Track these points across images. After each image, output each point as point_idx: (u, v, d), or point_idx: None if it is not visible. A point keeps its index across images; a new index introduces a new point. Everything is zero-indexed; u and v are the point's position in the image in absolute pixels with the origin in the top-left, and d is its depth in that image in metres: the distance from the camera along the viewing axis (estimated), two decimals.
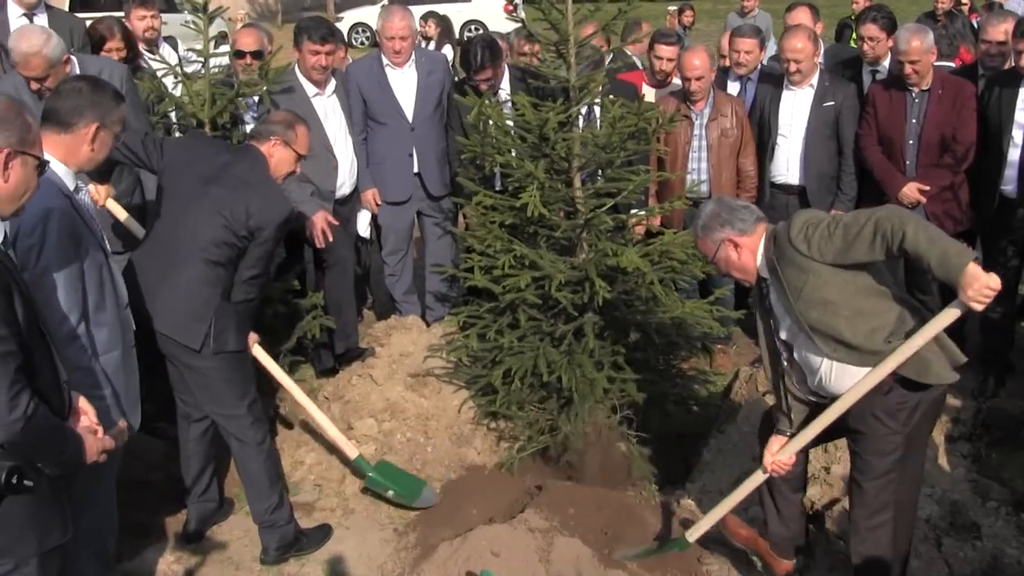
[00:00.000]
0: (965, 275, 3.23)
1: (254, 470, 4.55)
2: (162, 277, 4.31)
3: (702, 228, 3.79)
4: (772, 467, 4.00)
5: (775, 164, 6.39)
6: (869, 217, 3.43)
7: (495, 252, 5.15)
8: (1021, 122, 5.67)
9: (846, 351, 3.63)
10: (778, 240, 3.66)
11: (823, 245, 3.50)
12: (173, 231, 4.39)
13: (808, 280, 3.57)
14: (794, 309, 3.65)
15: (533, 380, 5.03)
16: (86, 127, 3.48)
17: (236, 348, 4.41)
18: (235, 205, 4.33)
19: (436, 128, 6.36)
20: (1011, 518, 4.94)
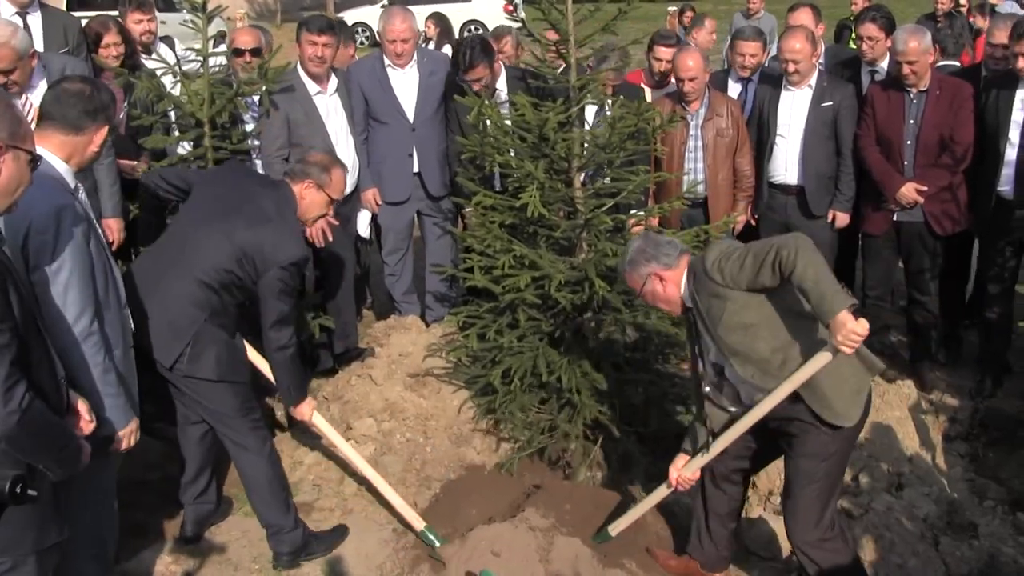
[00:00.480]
0: (835, 321, 3.40)
1: (254, 476, 4.51)
2: (153, 288, 4.24)
3: (629, 263, 3.95)
4: (676, 482, 4.20)
5: (773, 164, 6.40)
6: (772, 246, 3.58)
7: (495, 252, 5.15)
8: (1019, 123, 5.70)
9: (761, 375, 3.77)
10: (696, 273, 3.81)
11: (735, 274, 3.66)
12: (177, 246, 4.36)
13: (726, 307, 3.73)
14: (716, 335, 3.80)
15: (533, 380, 5.03)
16: (97, 129, 3.50)
17: (210, 376, 4.27)
18: (248, 236, 4.26)
19: (437, 128, 6.37)
20: (1008, 517, 4.97)
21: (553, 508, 4.73)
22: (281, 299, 4.32)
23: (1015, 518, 5.00)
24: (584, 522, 4.70)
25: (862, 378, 3.85)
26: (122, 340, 3.63)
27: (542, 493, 4.91)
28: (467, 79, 5.92)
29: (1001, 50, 6.15)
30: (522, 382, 4.98)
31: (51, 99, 3.53)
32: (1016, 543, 4.81)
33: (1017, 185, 5.74)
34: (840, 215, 6.33)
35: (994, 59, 6.24)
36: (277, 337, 4.35)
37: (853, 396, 3.80)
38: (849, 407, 3.79)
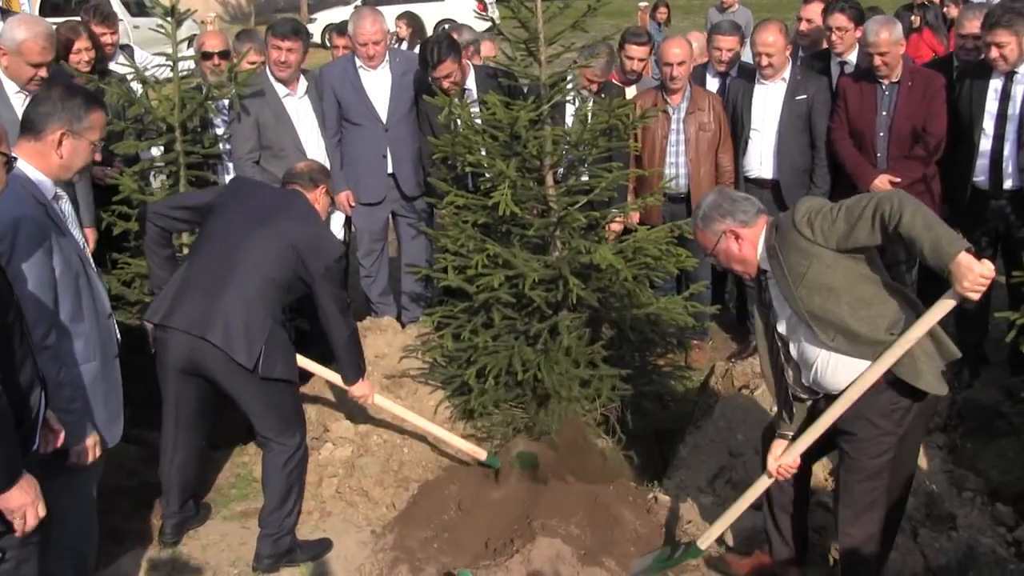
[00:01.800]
0: (957, 264, 3.21)
1: (280, 479, 4.52)
2: (219, 292, 4.25)
3: (702, 219, 3.75)
4: (777, 472, 3.95)
5: (748, 159, 6.41)
6: (870, 200, 3.42)
7: (468, 252, 5.14)
8: (992, 113, 5.69)
9: (845, 341, 3.60)
10: (780, 227, 3.64)
11: (827, 229, 3.49)
12: (233, 250, 4.35)
13: (812, 265, 3.54)
14: (795, 296, 3.61)
15: (508, 379, 5.02)
16: (52, 134, 3.44)
17: (283, 376, 4.36)
18: (299, 235, 4.39)
19: (410, 129, 6.35)
20: (986, 508, 4.96)
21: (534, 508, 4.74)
22: (339, 287, 4.53)
23: (993, 509, 5.00)
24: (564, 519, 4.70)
25: (941, 359, 3.68)
26: (101, 352, 3.59)
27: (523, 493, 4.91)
28: (436, 76, 5.89)
29: (972, 41, 6.16)
30: (498, 381, 4.98)
31: (28, 105, 3.53)
32: (994, 533, 4.81)
33: (992, 175, 5.74)
34: None
35: (965, 50, 6.25)
36: (350, 323, 4.61)
37: (938, 373, 3.63)
38: (938, 379, 3.62)
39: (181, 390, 4.45)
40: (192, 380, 4.41)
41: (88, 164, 3.65)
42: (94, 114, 3.54)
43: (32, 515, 2.95)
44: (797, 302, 3.62)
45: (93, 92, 3.92)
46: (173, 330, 4.27)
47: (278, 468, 4.50)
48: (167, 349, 4.33)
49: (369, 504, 5.03)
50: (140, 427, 5.08)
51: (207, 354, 4.24)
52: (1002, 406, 5.89)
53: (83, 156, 3.55)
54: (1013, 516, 4.93)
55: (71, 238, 3.51)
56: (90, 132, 3.53)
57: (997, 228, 5.87)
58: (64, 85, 3.74)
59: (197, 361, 4.29)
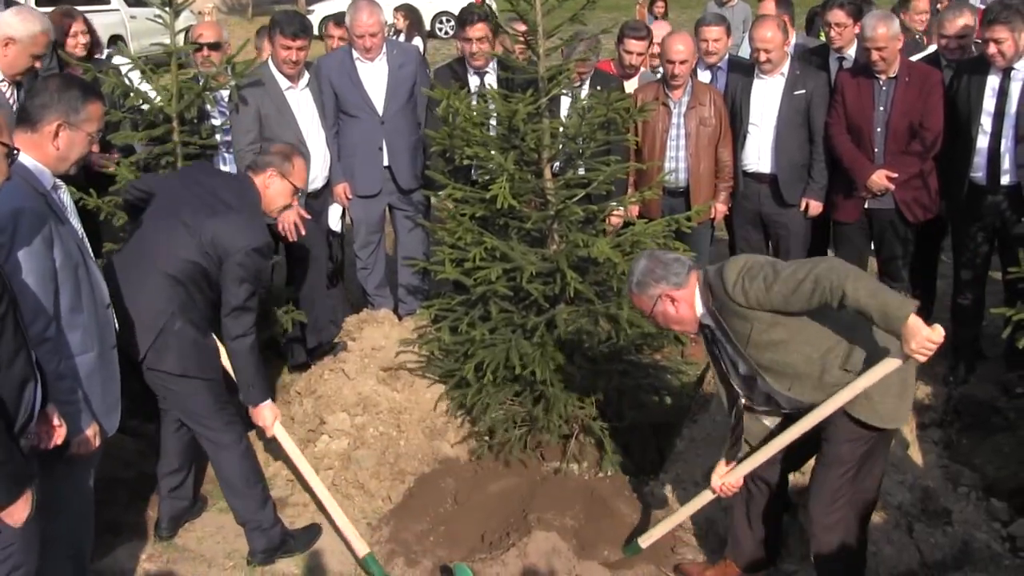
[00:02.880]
0: (907, 328, 3.32)
1: (230, 473, 4.49)
2: (123, 286, 4.22)
3: (637, 285, 3.77)
4: (720, 488, 4.07)
5: (746, 153, 6.40)
6: (808, 272, 3.44)
7: (466, 244, 5.14)
8: (990, 110, 5.69)
9: (801, 386, 3.68)
10: (714, 291, 3.66)
11: (761, 298, 3.53)
12: (139, 243, 4.35)
13: (754, 326, 3.60)
14: (745, 354, 3.70)
15: (506, 372, 5.01)
16: (48, 125, 3.43)
17: (174, 371, 4.26)
18: (206, 225, 4.23)
19: (407, 121, 6.33)
20: (981, 503, 4.98)
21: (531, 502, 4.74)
22: (241, 286, 4.27)
23: (988, 504, 5.01)
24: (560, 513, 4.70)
25: (908, 373, 3.70)
26: (99, 342, 3.58)
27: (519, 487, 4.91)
28: (468, 37, 5.94)
29: (955, 41, 6.19)
30: (495, 375, 4.97)
31: (26, 97, 3.52)
32: (989, 528, 4.83)
33: (990, 171, 5.74)
34: (813, 203, 6.34)
35: (949, 50, 6.26)
36: (233, 325, 4.30)
37: (900, 396, 3.68)
38: (897, 408, 3.68)
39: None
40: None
41: (85, 155, 3.64)
42: (91, 105, 3.53)
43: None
44: (748, 360, 3.70)
45: (90, 83, 3.90)
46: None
47: (222, 464, 4.49)
48: None
49: (365, 497, 5.03)
50: (137, 419, 5.08)
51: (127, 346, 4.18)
52: (998, 402, 5.91)
53: (80, 148, 3.54)
54: (1008, 511, 4.95)
55: (71, 228, 3.50)
56: (87, 124, 3.52)
57: (994, 224, 5.87)
58: (61, 76, 3.73)
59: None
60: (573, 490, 4.92)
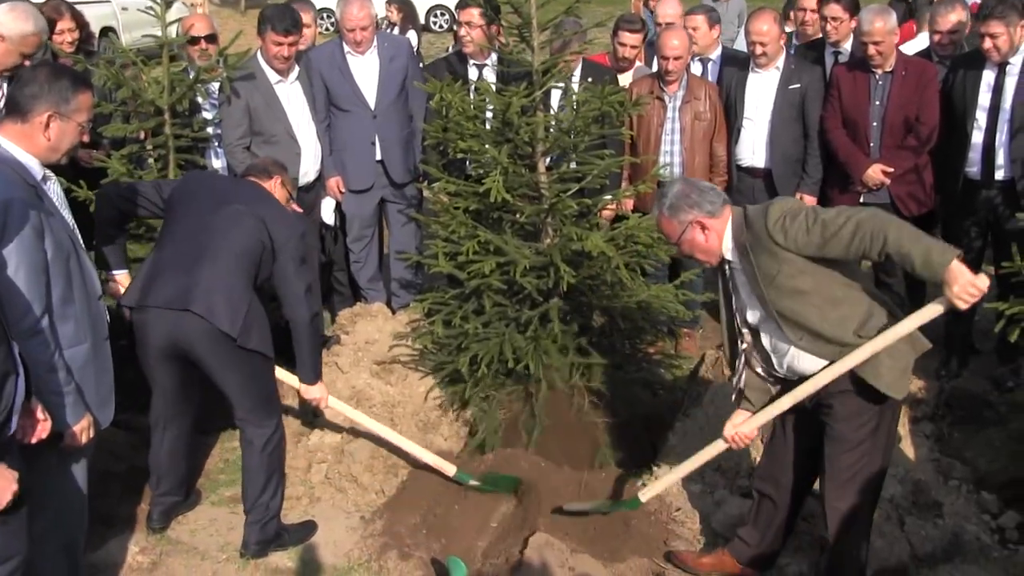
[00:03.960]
0: (950, 272, 3.28)
1: (260, 461, 4.50)
2: (196, 267, 4.23)
3: (669, 208, 3.72)
4: (733, 438, 4.00)
5: (740, 147, 6.40)
6: (850, 217, 3.42)
7: (459, 238, 5.13)
8: (985, 105, 5.70)
9: (812, 341, 3.65)
10: (752, 226, 3.62)
11: (800, 238, 3.49)
12: (202, 230, 4.33)
13: (782, 269, 3.56)
14: (765, 296, 3.64)
15: (499, 366, 5.01)
16: (39, 116, 3.40)
17: (260, 348, 4.33)
18: (260, 210, 4.38)
19: (399, 115, 6.32)
20: (972, 496, 4.99)
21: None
22: (303, 266, 4.46)
23: (979, 496, 5.03)
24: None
25: (910, 356, 3.71)
26: (92, 333, 3.57)
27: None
28: (460, 20, 6.07)
29: (948, 36, 6.20)
30: (489, 368, 4.96)
31: (13, 86, 3.50)
32: (979, 521, 4.84)
33: (984, 166, 5.75)
34: (807, 198, 6.32)
35: (941, 45, 6.26)
36: (311, 304, 4.49)
37: (903, 372, 3.68)
38: (900, 380, 3.66)
39: (163, 373, 4.43)
40: (174, 362, 4.38)
41: (76, 146, 3.62)
42: (82, 95, 3.51)
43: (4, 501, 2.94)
44: (767, 301, 3.65)
45: (80, 73, 3.87)
46: (152, 309, 4.23)
47: (257, 452, 4.48)
48: (147, 330, 4.30)
49: (358, 490, 5.02)
50: (129, 412, 5.07)
51: (188, 327, 4.20)
52: (989, 396, 5.93)
53: (71, 138, 3.52)
54: (998, 504, 4.97)
55: (61, 219, 3.48)
56: (78, 114, 3.49)
57: (987, 218, 5.88)
58: (50, 66, 3.70)
59: (177, 337, 4.25)
60: (566, 483, 4.92)
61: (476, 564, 4.36)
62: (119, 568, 4.45)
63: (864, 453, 3.78)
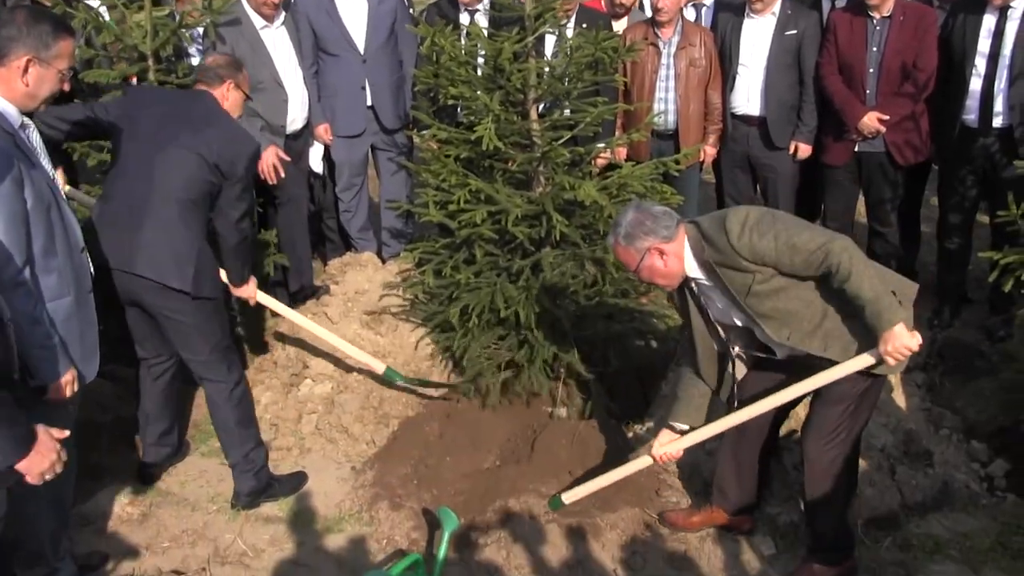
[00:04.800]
0: (890, 332, 3.38)
1: (227, 413, 4.49)
2: (139, 221, 4.17)
3: (625, 237, 3.64)
4: (660, 457, 4.09)
5: (735, 95, 6.31)
6: (820, 246, 3.44)
7: (450, 187, 5.07)
8: (984, 51, 5.62)
9: (799, 335, 3.65)
10: (714, 243, 3.58)
11: (768, 256, 3.50)
12: (142, 177, 4.25)
13: (755, 277, 3.57)
14: (744, 305, 3.64)
15: (490, 316, 4.98)
16: (17, 60, 3.30)
17: (212, 295, 4.33)
18: (205, 142, 4.25)
19: (389, 59, 6.21)
20: (962, 445, 5.02)
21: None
22: (246, 192, 4.42)
23: (969, 446, 5.04)
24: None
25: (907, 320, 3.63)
26: (75, 286, 3.49)
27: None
28: None
29: None
30: (480, 318, 4.93)
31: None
32: (969, 470, 4.86)
33: (982, 114, 5.69)
34: (802, 146, 6.27)
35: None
36: (243, 228, 4.45)
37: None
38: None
39: (132, 319, 4.45)
40: (136, 308, 4.39)
41: (55, 94, 3.52)
42: (63, 41, 3.40)
43: (60, 465, 2.95)
44: (747, 309, 3.66)
45: (62, 17, 3.76)
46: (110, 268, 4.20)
47: (221, 404, 4.49)
48: (111, 284, 4.27)
49: (349, 440, 5.01)
50: (115, 363, 5.04)
51: (139, 287, 4.20)
52: (981, 345, 5.93)
53: (50, 85, 3.41)
54: (987, 452, 5.00)
55: (41, 169, 3.39)
56: (58, 60, 3.39)
57: (984, 167, 5.82)
58: (29, 8, 3.56)
59: (133, 294, 4.26)
60: (558, 434, 4.91)
61: (467, 515, 4.35)
62: (108, 519, 4.45)
63: (852, 407, 3.79)
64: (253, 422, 4.63)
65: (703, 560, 4.22)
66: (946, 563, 4.10)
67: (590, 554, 4.19)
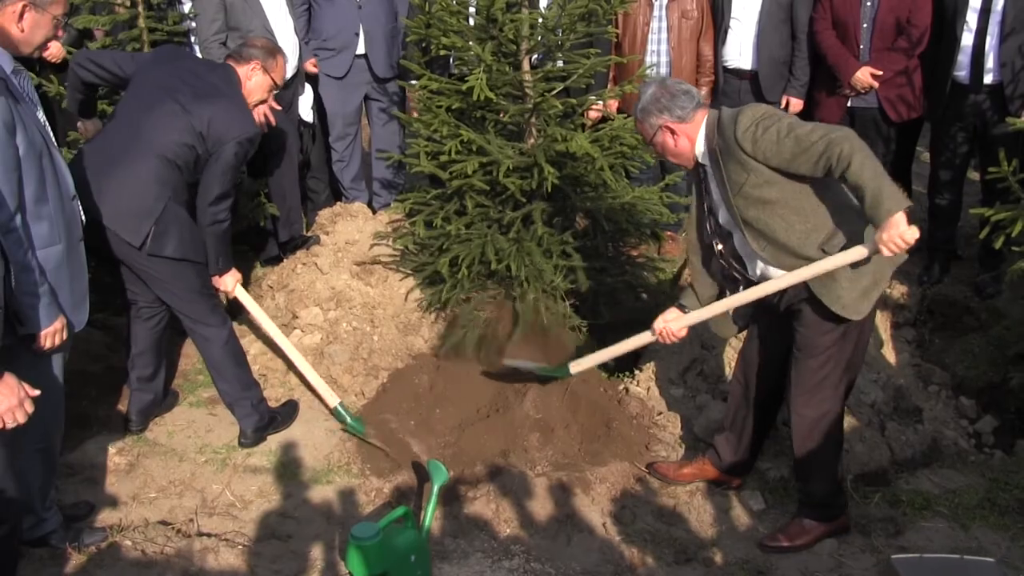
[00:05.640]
0: (891, 219, 3.28)
1: (219, 356, 4.52)
2: (111, 170, 4.14)
3: (641, 111, 3.73)
4: (660, 332, 4.07)
5: (727, 48, 6.29)
6: (823, 135, 3.39)
7: (442, 137, 5.03)
8: (976, 6, 5.60)
9: (774, 251, 3.64)
10: (723, 131, 3.59)
11: (769, 150, 3.47)
12: (132, 126, 4.23)
13: (749, 178, 3.55)
14: (732, 203, 3.63)
15: (481, 268, 4.96)
16: (12, 5, 3.26)
17: (172, 255, 4.25)
18: (202, 109, 4.23)
19: (384, 7, 6.15)
20: (950, 401, 5.05)
21: None
22: (228, 174, 4.31)
23: (958, 402, 5.08)
24: None
25: (882, 272, 3.68)
26: (66, 234, 3.45)
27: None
28: None
29: None
30: (470, 270, 4.91)
31: None
32: (957, 426, 4.90)
33: (973, 70, 5.67)
34: (794, 101, 6.25)
35: None
36: (215, 211, 4.33)
37: (866, 291, 3.64)
38: (859, 301, 3.63)
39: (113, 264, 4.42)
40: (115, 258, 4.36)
41: (49, 39, 3.47)
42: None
43: (21, 415, 2.95)
44: (733, 208, 3.65)
45: None
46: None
47: (215, 349, 4.52)
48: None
49: (338, 392, 4.99)
50: (104, 312, 5.00)
51: (104, 234, 4.16)
52: (970, 302, 5.94)
53: (45, 31, 3.39)
54: (975, 409, 5.04)
55: (33, 115, 3.35)
56: (54, 6, 3.36)
57: (975, 123, 5.82)
58: None
59: (103, 241, 4.20)
60: (548, 387, 4.91)
61: (457, 468, 4.35)
62: (96, 469, 4.43)
63: (830, 358, 3.78)
64: (245, 361, 4.67)
65: (692, 515, 4.24)
66: (935, 519, 4.12)
67: (579, 508, 4.20)
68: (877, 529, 4.08)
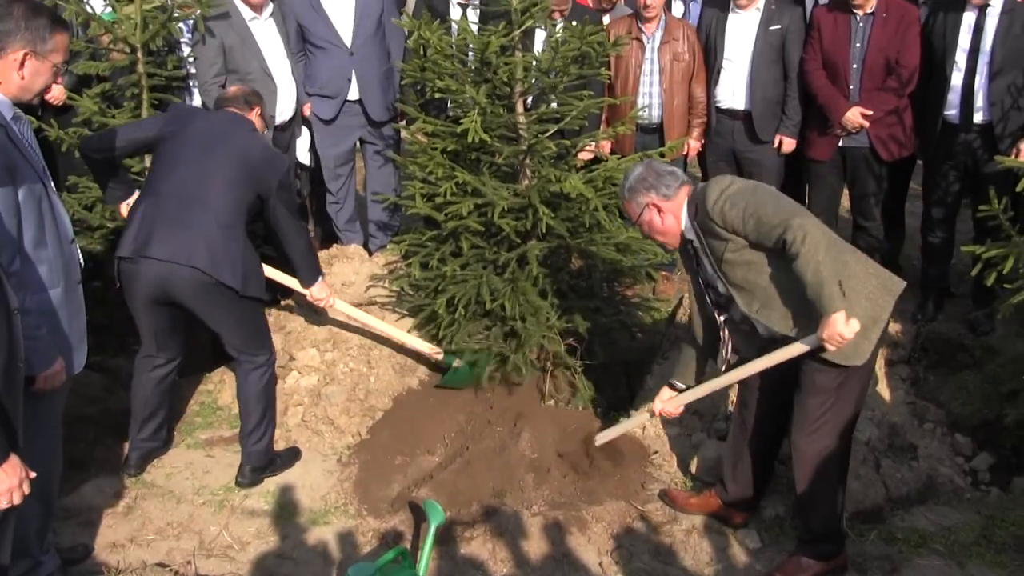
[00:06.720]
0: (829, 319, 3.40)
1: (258, 390, 4.61)
2: (189, 221, 4.25)
3: (628, 191, 3.85)
4: (660, 412, 4.28)
5: (720, 89, 6.34)
6: (782, 221, 3.50)
7: (437, 179, 5.08)
8: (965, 46, 5.65)
9: (768, 311, 3.71)
10: (698, 206, 3.73)
11: (736, 225, 3.61)
12: (192, 180, 4.33)
13: (728, 244, 3.67)
14: (719, 271, 3.75)
15: (476, 308, 4.99)
16: (14, 53, 3.31)
17: (258, 294, 4.45)
18: (253, 151, 4.46)
19: (377, 52, 6.21)
20: (946, 438, 5.05)
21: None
22: (292, 193, 4.67)
23: (953, 439, 5.08)
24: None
25: (879, 308, 3.69)
26: (64, 277, 3.49)
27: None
28: None
29: None
30: (466, 310, 4.94)
31: None
32: (953, 463, 4.90)
33: (963, 110, 5.72)
34: (786, 140, 6.30)
35: None
36: (303, 228, 4.72)
37: (864, 332, 3.57)
38: (858, 345, 3.61)
39: (154, 316, 4.46)
40: (164, 307, 4.41)
41: (48, 86, 3.53)
42: (58, 36, 3.41)
43: (18, 496, 2.95)
44: (722, 276, 3.76)
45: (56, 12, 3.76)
46: (149, 260, 4.23)
47: (254, 382, 4.59)
48: (137, 280, 4.30)
49: (335, 433, 5.01)
50: (102, 354, 5.02)
51: (186, 280, 4.24)
52: (964, 339, 5.95)
53: (44, 78, 3.43)
54: (971, 446, 5.04)
55: (32, 161, 3.40)
56: (54, 55, 3.40)
57: (965, 162, 5.85)
58: (27, 2, 3.57)
59: (172, 289, 4.28)
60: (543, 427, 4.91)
61: (453, 508, 4.35)
62: (94, 511, 4.42)
63: (832, 397, 3.80)
64: (273, 400, 4.73)
65: (689, 553, 4.23)
66: (931, 557, 4.11)
67: (575, 547, 4.20)
68: (873, 567, 4.07)
